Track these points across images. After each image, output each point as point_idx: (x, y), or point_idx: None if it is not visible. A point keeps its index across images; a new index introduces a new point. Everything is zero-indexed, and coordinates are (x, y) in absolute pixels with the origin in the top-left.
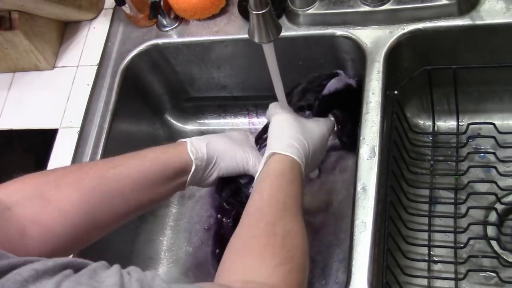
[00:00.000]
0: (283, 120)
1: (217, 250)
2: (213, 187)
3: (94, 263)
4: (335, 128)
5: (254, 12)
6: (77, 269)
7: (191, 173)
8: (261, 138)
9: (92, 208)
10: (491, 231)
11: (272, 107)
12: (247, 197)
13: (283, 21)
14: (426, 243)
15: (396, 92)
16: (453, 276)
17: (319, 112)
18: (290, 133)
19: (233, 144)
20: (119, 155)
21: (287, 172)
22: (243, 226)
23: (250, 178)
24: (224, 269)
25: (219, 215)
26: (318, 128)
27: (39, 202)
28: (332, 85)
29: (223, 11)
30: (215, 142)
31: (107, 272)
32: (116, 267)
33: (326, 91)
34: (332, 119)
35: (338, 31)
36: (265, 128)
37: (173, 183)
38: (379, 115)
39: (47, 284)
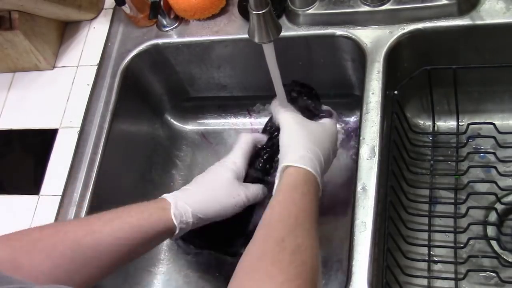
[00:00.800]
0: (292, 129)
1: None
2: None
3: None
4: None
5: (254, 12)
6: None
7: (175, 234)
8: (266, 131)
9: (64, 276)
10: (491, 231)
11: (276, 103)
12: None
13: (283, 21)
14: (426, 243)
15: (396, 92)
16: (453, 276)
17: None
18: (301, 142)
19: (221, 197)
20: (98, 214)
21: (300, 185)
22: (253, 242)
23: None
24: (234, 286)
25: None
26: (326, 132)
27: (9, 267)
28: None
29: (223, 11)
30: (198, 201)
31: None
32: None
33: None
34: (335, 120)
35: (338, 31)
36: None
37: (154, 244)
38: (379, 115)
39: None
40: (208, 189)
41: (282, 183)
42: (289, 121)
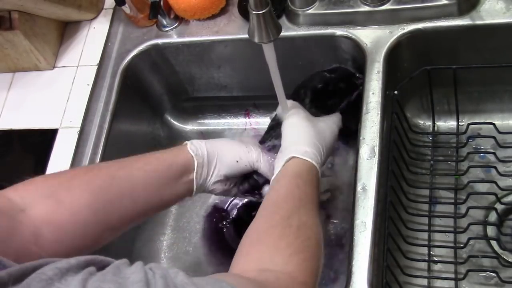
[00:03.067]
0: (297, 125)
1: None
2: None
3: (117, 261)
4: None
5: (254, 12)
6: (99, 266)
7: (195, 170)
8: (265, 141)
9: (103, 208)
10: (491, 231)
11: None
12: (261, 197)
13: (283, 21)
14: (426, 243)
15: (396, 92)
16: (453, 276)
17: (315, 103)
18: (306, 138)
19: (233, 142)
20: (125, 158)
21: (304, 174)
22: (258, 218)
23: (266, 180)
24: (239, 259)
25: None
26: (329, 128)
27: (51, 203)
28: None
29: (223, 11)
30: (215, 141)
31: (130, 268)
32: (139, 264)
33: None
34: (340, 115)
35: (338, 31)
36: (269, 130)
37: (180, 182)
38: (379, 115)
39: (73, 281)
40: (224, 140)
41: (287, 170)
42: (295, 118)
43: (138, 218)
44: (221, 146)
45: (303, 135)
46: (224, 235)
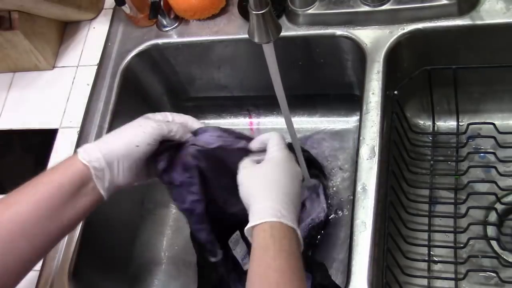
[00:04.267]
0: (246, 184)
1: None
2: None
3: None
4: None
5: (254, 12)
6: None
7: (93, 178)
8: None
9: None
10: (491, 231)
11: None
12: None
13: (283, 21)
14: (426, 243)
15: (396, 92)
16: (453, 276)
17: None
18: (256, 194)
19: (125, 128)
20: (14, 190)
21: (270, 244)
22: None
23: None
24: None
25: None
26: (279, 168)
27: None
28: None
29: (223, 11)
30: (108, 137)
31: None
32: None
33: None
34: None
35: (338, 31)
36: None
37: (80, 196)
38: (379, 115)
39: None
40: (120, 128)
41: (253, 248)
42: (243, 175)
43: (40, 254)
44: (114, 139)
45: (252, 192)
46: None
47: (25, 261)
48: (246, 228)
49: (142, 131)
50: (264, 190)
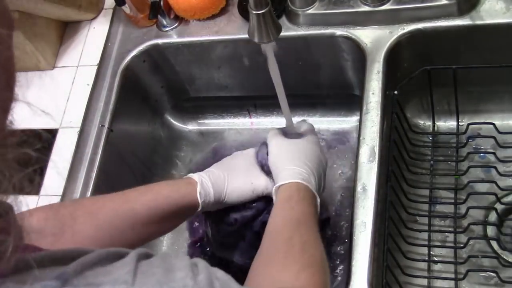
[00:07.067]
0: (278, 151)
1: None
2: None
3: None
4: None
5: (254, 12)
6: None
7: (197, 211)
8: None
9: (104, 241)
10: (491, 231)
11: (271, 133)
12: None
13: (283, 21)
14: (426, 243)
15: (396, 92)
16: (453, 276)
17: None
18: (288, 161)
19: (238, 177)
20: (133, 189)
21: (294, 195)
22: (263, 245)
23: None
24: (253, 278)
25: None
26: (310, 145)
27: (58, 232)
28: None
29: (223, 11)
30: (221, 181)
31: (175, 257)
32: (182, 255)
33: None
34: (314, 133)
35: (338, 31)
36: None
37: (181, 218)
38: (379, 115)
39: (124, 265)
40: (230, 174)
41: (278, 199)
42: (274, 145)
43: (138, 245)
44: (227, 186)
45: (283, 158)
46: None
47: (128, 245)
48: (274, 187)
49: (252, 190)
50: (299, 159)
